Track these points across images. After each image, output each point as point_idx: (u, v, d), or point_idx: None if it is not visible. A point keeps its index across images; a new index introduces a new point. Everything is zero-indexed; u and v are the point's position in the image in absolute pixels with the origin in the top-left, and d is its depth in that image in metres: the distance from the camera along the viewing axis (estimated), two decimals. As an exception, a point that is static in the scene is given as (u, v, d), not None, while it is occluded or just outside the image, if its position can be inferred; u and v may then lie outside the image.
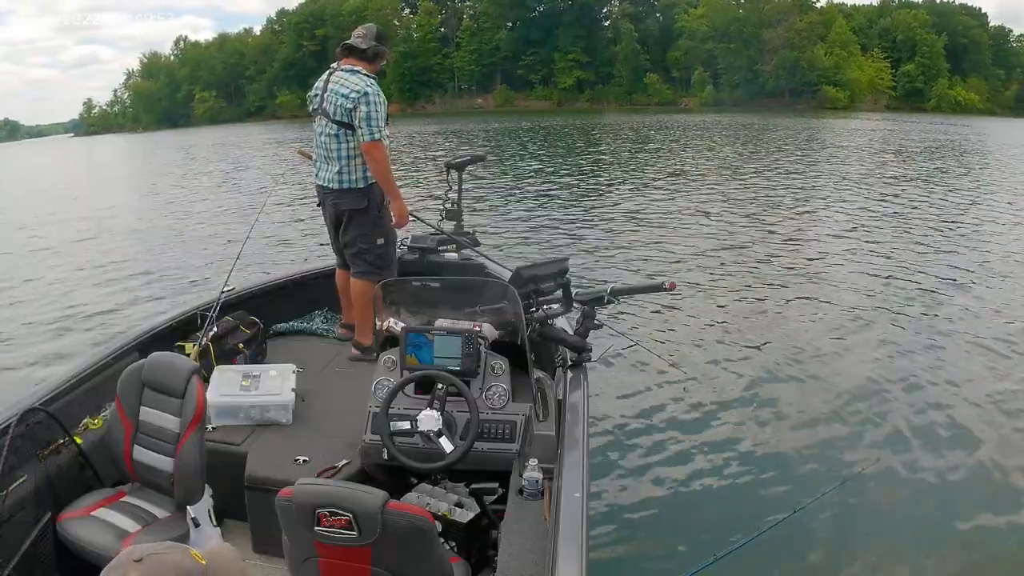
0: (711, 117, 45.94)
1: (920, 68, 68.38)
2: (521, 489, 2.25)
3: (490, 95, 66.39)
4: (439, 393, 2.38)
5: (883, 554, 3.24)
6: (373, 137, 3.32)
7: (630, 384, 4.87)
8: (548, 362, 3.05)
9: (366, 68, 3.44)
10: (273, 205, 12.61)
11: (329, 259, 4.12)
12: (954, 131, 34.81)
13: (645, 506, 3.56)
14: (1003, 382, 5.00)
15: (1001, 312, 6.52)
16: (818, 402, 4.69)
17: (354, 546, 1.61)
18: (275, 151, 27.29)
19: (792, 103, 61.53)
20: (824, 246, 9.14)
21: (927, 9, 72.21)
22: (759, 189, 14.05)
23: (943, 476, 3.86)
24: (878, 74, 67.39)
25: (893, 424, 4.39)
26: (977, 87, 70.64)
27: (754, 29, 65.12)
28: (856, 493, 3.50)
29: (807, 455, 4.05)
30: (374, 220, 3.52)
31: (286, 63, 68.48)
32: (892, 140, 28.37)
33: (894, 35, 70.81)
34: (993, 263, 8.30)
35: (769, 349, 5.60)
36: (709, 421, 4.43)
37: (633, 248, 8.99)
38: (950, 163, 19.73)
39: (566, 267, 2.98)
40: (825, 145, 25.37)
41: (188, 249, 9.94)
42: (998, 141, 29.51)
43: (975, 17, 75.22)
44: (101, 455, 2.50)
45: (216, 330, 3.26)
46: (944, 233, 9.86)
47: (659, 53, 69.80)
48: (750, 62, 64.80)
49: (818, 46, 64.55)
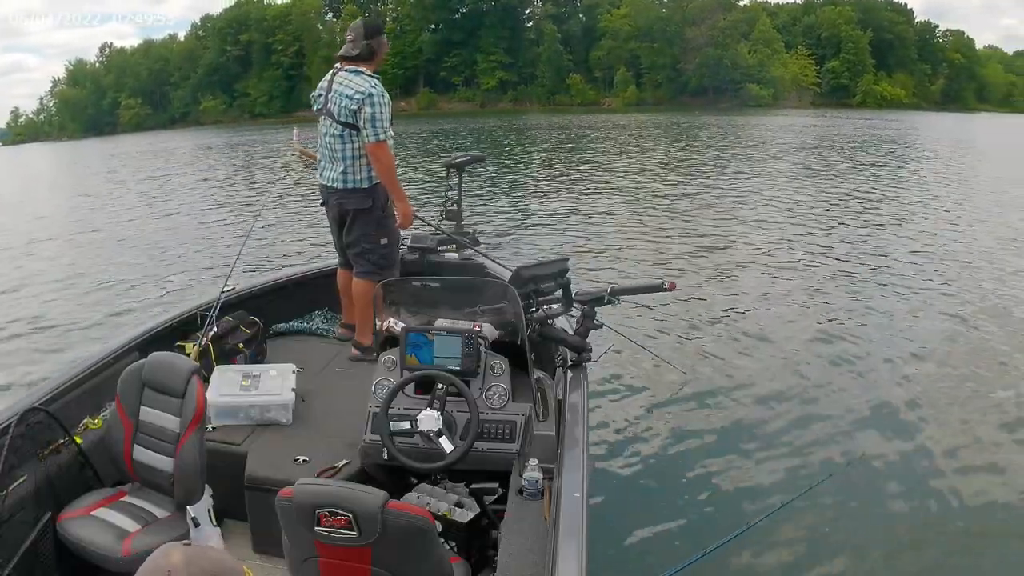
0: (637, 116, 45.93)
1: (845, 64, 69.25)
2: (521, 489, 2.25)
3: (413, 98, 65.60)
4: (439, 393, 2.38)
5: (869, 545, 3.28)
6: (378, 138, 3.32)
7: (630, 384, 4.88)
8: (548, 362, 3.05)
9: (368, 68, 3.44)
10: (273, 206, 12.63)
11: (329, 259, 4.12)
12: (881, 125, 35.56)
13: (645, 506, 3.57)
14: (975, 367, 5.24)
15: (958, 296, 6.91)
16: (813, 398, 4.74)
17: (354, 546, 1.61)
18: (242, 157, 26.39)
19: (715, 101, 61.63)
20: (816, 246, 9.17)
21: (852, 6, 72.94)
22: (731, 189, 14.17)
23: (929, 468, 3.92)
24: (802, 71, 67.98)
25: (878, 419, 4.45)
26: (903, 82, 71.82)
27: (677, 28, 65.34)
28: (843, 487, 3.57)
29: (801, 449, 4.09)
30: (378, 220, 3.52)
31: (210, 68, 67.88)
32: (827, 136, 28.81)
33: (819, 32, 71.53)
34: (939, 251, 8.74)
35: (768, 348, 5.62)
36: (708, 420, 4.44)
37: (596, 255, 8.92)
38: (884, 157, 20.41)
39: (566, 267, 2.98)
40: (771, 142, 25.83)
41: (186, 251, 9.92)
42: (924, 135, 30.50)
43: (901, 13, 76.40)
44: (101, 455, 2.50)
45: (216, 330, 3.25)
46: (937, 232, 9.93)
47: (582, 53, 69.53)
48: (673, 61, 65.05)
49: (741, 44, 64.99)
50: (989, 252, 8.67)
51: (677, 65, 65.07)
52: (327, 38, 64.56)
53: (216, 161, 24.84)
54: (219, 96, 65.80)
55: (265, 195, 13.33)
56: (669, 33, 65.27)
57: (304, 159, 3.95)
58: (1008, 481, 3.79)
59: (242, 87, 66.59)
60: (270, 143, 29.87)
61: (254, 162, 22.81)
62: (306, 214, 11.58)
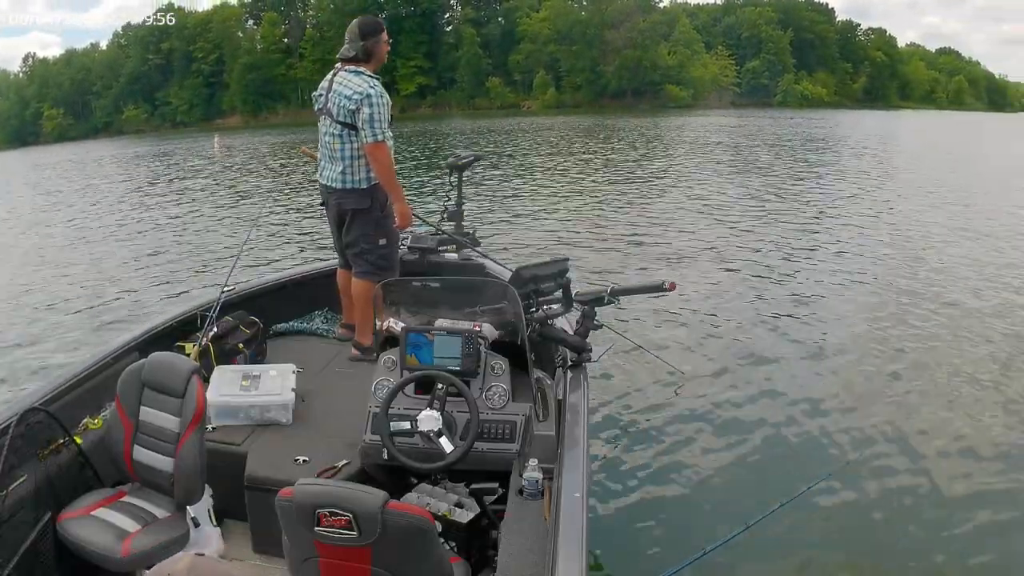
0: (558, 119, 45.66)
1: (765, 64, 69.64)
2: (521, 489, 2.24)
3: None
4: (439, 393, 2.38)
5: (867, 545, 3.29)
6: (376, 139, 3.32)
7: (630, 384, 4.87)
8: (548, 362, 3.05)
9: (368, 68, 3.44)
10: (272, 206, 12.65)
11: (329, 259, 4.12)
12: (804, 124, 36.26)
13: (645, 506, 3.57)
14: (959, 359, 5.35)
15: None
16: (811, 398, 4.74)
17: (354, 546, 1.61)
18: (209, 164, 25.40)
19: (634, 103, 61.66)
20: (804, 244, 9.21)
21: (772, 6, 73.44)
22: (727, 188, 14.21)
23: (925, 469, 3.92)
24: (722, 71, 68.18)
25: (874, 418, 4.45)
26: (824, 81, 72.49)
27: (597, 30, 65.11)
28: (841, 487, 3.60)
29: (800, 450, 4.09)
30: (377, 220, 3.52)
31: (132, 77, 66.88)
32: (760, 135, 29.20)
33: (739, 32, 71.88)
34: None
35: (768, 347, 5.62)
36: (708, 420, 4.43)
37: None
38: (817, 155, 21.11)
39: (566, 267, 2.99)
40: (702, 142, 26.15)
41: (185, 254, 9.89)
42: (844, 132, 31.35)
43: (822, 12, 77.20)
44: (101, 455, 2.50)
45: (216, 330, 3.26)
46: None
47: (501, 57, 68.96)
48: (592, 63, 64.82)
49: (661, 45, 64.97)
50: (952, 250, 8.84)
51: (596, 67, 64.91)
52: (247, 45, 64.30)
53: (167, 169, 23.73)
54: (141, 105, 64.79)
55: (263, 200, 13.36)
56: (589, 36, 65.05)
57: (308, 158, 3.96)
58: (1005, 478, 3.81)
59: (163, 95, 65.59)
60: (197, 151, 28.93)
61: (188, 170, 22.08)
62: (306, 214, 11.60)
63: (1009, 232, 9.79)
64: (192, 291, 7.35)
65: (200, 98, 64.62)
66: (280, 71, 64.37)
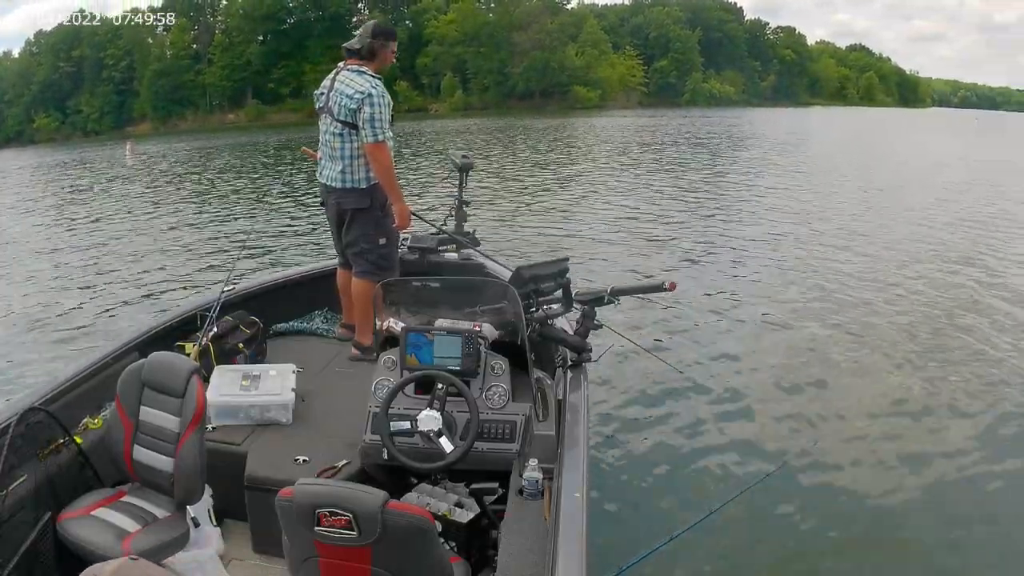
0: (467, 121, 45.49)
1: (673, 64, 70.02)
2: (521, 489, 2.24)
3: (242, 110, 63.30)
4: (439, 393, 2.38)
5: (830, 528, 3.40)
6: (377, 139, 3.32)
7: (630, 384, 4.88)
8: (548, 362, 3.05)
9: (371, 68, 3.44)
10: (271, 207, 12.62)
11: (330, 259, 4.12)
12: (707, 123, 37.06)
13: (646, 505, 3.57)
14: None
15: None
16: (810, 394, 4.82)
17: (354, 546, 1.61)
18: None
19: (543, 104, 61.65)
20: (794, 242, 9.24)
21: (680, 6, 73.91)
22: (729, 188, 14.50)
23: (880, 454, 4.05)
24: (630, 71, 68.33)
25: (826, 412, 4.58)
26: (732, 79, 73.25)
27: (504, 32, 64.78)
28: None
29: (802, 449, 4.10)
30: (376, 220, 3.52)
31: (43, 85, 64.75)
32: (679, 133, 30.14)
33: (647, 32, 72.13)
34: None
35: (767, 346, 5.64)
36: (709, 419, 4.44)
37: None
38: (702, 152, 22.27)
39: (566, 267, 2.98)
40: (618, 141, 27.01)
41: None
42: (741, 130, 32.61)
43: (730, 12, 78.12)
44: (101, 455, 2.50)
45: (216, 330, 3.25)
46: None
47: (409, 60, 67.31)
48: (500, 65, 64.51)
49: (569, 46, 64.79)
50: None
51: (504, 69, 64.56)
52: (157, 52, 63.38)
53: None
54: (52, 114, 62.89)
55: (261, 203, 13.29)
56: (496, 38, 64.72)
57: (309, 156, 3.96)
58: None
59: (75, 104, 63.78)
60: (115, 159, 27.64)
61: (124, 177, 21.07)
62: (306, 214, 11.59)
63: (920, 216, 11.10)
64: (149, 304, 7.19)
65: (111, 105, 63.12)
66: (189, 77, 63.18)
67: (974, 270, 7.92)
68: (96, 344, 5.18)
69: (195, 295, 6.43)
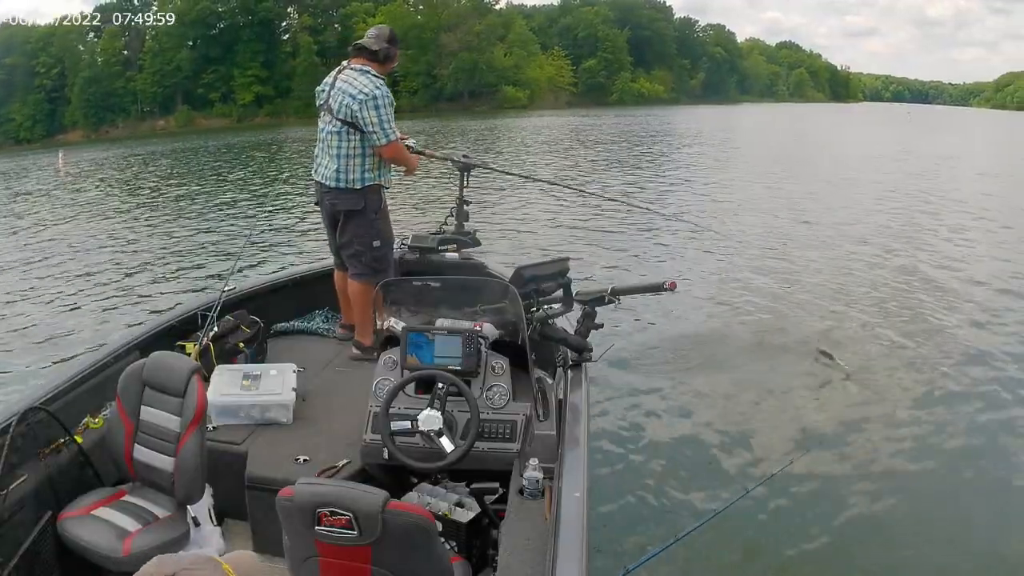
0: (401, 124, 42.21)
1: (602, 63, 69.88)
2: (521, 489, 2.24)
3: (172, 116, 62.42)
4: (439, 393, 2.38)
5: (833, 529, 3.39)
6: (389, 139, 3.33)
7: (630, 384, 4.87)
8: (548, 362, 3.05)
9: (376, 69, 3.44)
10: (271, 206, 12.60)
11: (329, 259, 4.11)
12: (635, 122, 37.51)
13: (646, 505, 3.57)
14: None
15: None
16: (810, 393, 4.82)
17: (354, 546, 1.61)
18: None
19: (471, 105, 61.61)
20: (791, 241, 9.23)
21: (609, 5, 73.78)
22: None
23: (881, 454, 4.05)
24: (558, 72, 68.21)
25: (830, 411, 4.58)
26: (662, 78, 73.62)
27: (432, 34, 64.60)
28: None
29: (804, 448, 4.08)
30: (370, 222, 3.51)
31: None
32: (614, 132, 30.39)
33: (575, 32, 71.97)
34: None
35: (766, 346, 5.62)
36: (709, 419, 4.44)
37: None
38: (631, 150, 22.65)
39: (567, 267, 2.98)
40: (557, 141, 27.38)
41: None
42: (668, 127, 33.56)
43: (659, 10, 78.28)
44: (102, 454, 2.50)
45: (216, 329, 3.25)
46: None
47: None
48: (429, 67, 64.25)
49: (497, 47, 64.67)
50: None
51: (433, 71, 64.33)
52: (88, 59, 62.25)
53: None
54: None
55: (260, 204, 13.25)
56: (424, 39, 64.15)
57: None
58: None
59: (5, 112, 61.21)
60: (47, 168, 25.88)
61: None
62: (305, 214, 11.58)
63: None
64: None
65: (42, 114, 61.23)
66: (119, 84, 61.88)
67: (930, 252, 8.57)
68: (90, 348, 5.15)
69: (195, 295, 6.44)
